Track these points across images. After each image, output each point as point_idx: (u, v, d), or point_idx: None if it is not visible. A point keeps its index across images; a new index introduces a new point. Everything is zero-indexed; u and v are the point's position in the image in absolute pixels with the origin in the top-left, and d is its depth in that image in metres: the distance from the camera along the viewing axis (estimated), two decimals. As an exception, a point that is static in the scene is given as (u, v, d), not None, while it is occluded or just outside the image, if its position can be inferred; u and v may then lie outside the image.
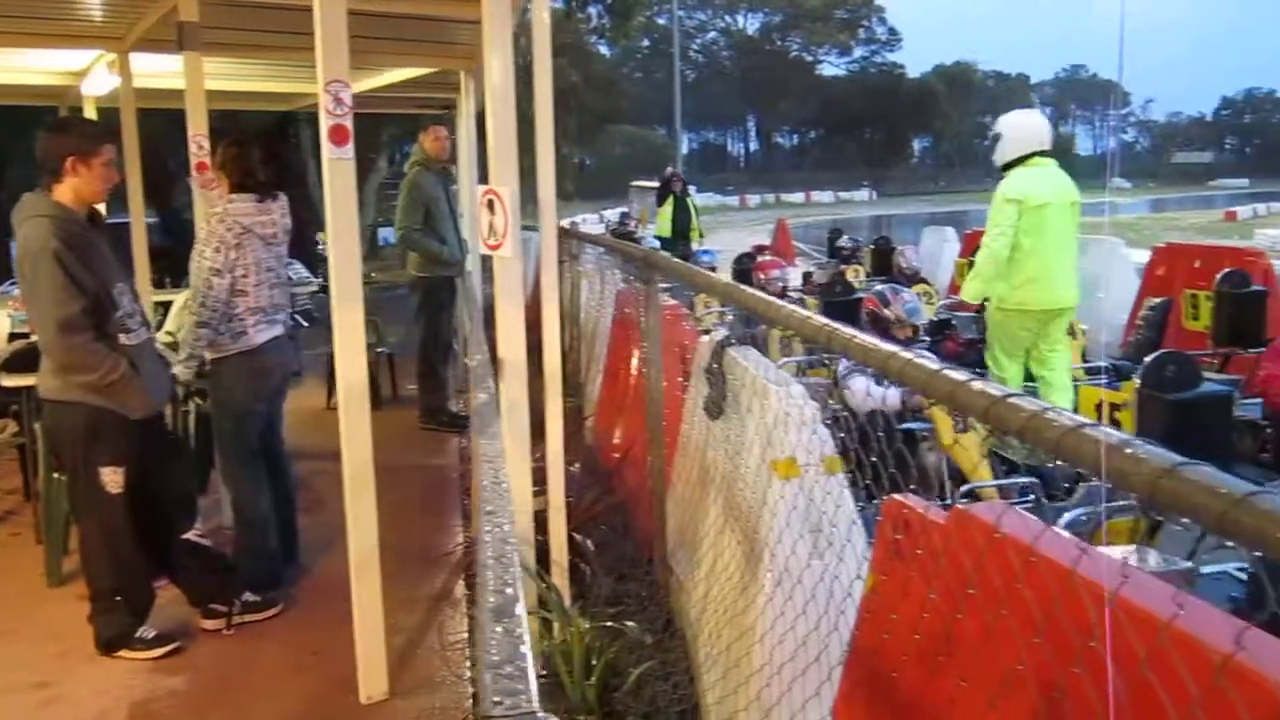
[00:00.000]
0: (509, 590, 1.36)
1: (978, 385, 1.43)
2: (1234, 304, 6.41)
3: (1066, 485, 4.51)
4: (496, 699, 1.06)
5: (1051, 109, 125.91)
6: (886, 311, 5.44)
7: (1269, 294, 6.56)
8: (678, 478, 4.30)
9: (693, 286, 3.90)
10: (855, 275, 11.47)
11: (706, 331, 4.55)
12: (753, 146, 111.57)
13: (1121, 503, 3.49)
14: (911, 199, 68.95)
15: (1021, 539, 1.60)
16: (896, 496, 2.05)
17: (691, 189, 17.48)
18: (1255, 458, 5.03)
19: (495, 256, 3.72)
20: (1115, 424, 3.46)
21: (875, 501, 2.34)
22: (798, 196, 68.15)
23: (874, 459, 2.06)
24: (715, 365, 3.57)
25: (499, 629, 1.23)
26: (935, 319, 9.74)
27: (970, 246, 10.44)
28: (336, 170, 3.43)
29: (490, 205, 3.67)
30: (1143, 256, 10.21)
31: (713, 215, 50.16)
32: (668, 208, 15.62)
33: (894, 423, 4.45)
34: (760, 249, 20.26)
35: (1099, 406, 3.53)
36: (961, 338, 9.10)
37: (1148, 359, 3.37)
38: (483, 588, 1.38)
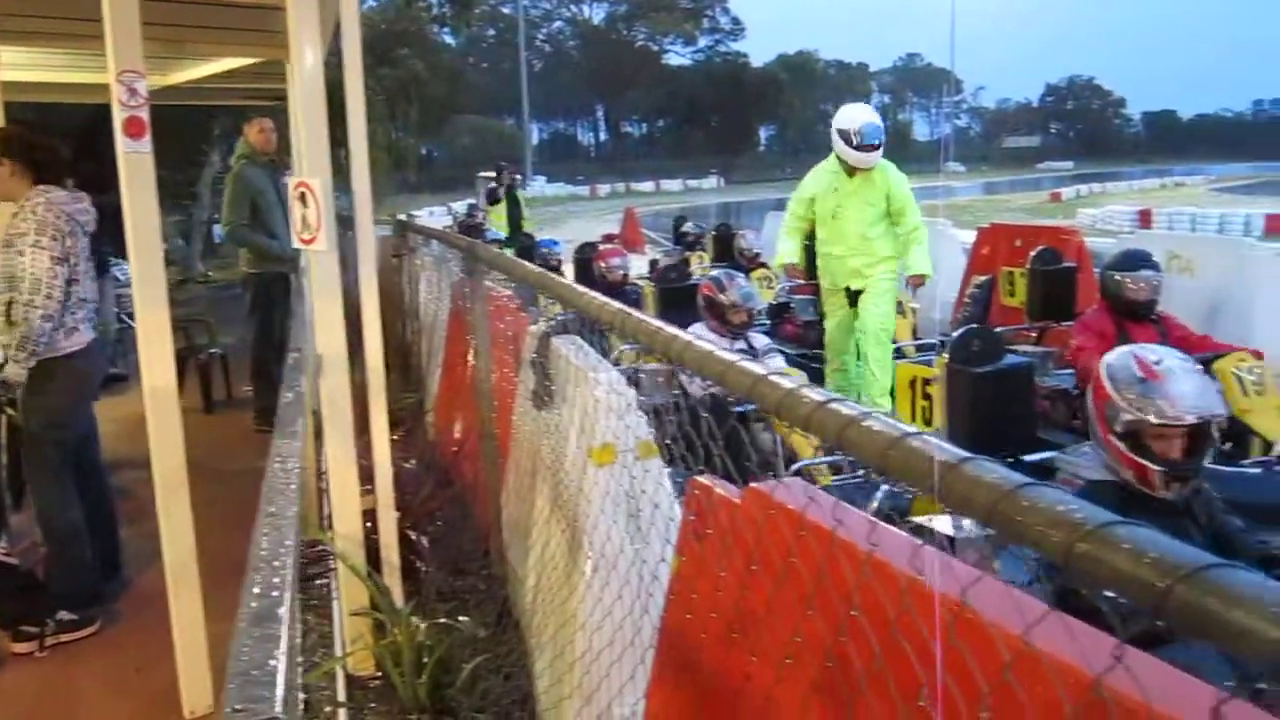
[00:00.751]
0: (274, 594, 1.32)
1: (802, 392, 1.38)
2: (1046, 280, 6.74)
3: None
4: (238, 707, 1.03)
5: (890, 96, 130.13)
6: (721, 297, 5.51)
7: (1078, 270, 6.93)
8: (511, 469, 4.27)
9: (511, 277, 3.88)
10: (700, 261, 11.63)
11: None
12: (602, 136, 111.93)
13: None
14: (760, 186, 70.32)
15: (794, 511, 1.63)
16: (697, 477, 2.07)
17: (519, 179, 17.61)
18: (1068, 424, 5.32)
19: (309, 251, 3.62)
20: (928, 398, 3.60)
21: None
22: (648, 185, 68.64)
23: (704, 442, 2.07)
24: (539, 356, 3.56)
25: (255, 634, 1.20)
26: (774, 302, 9.96)
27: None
28: (133, 165, 3.28)
29: (303, 198, 3.56)
30: (969, 237, 10.65)
31: (563, 205, 50.14)
32: (502, 206, 15.70)
33: (729, 406, 4.52)
34: (609, 238, 20.37)
35: (913, 382, 3.66)
36: (799, 320, 9.33)
37: (954, 335, 3.51)
38: (246, 591, 1.33)
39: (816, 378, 7.37)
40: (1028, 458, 3.46)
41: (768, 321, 9.58)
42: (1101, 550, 0.75)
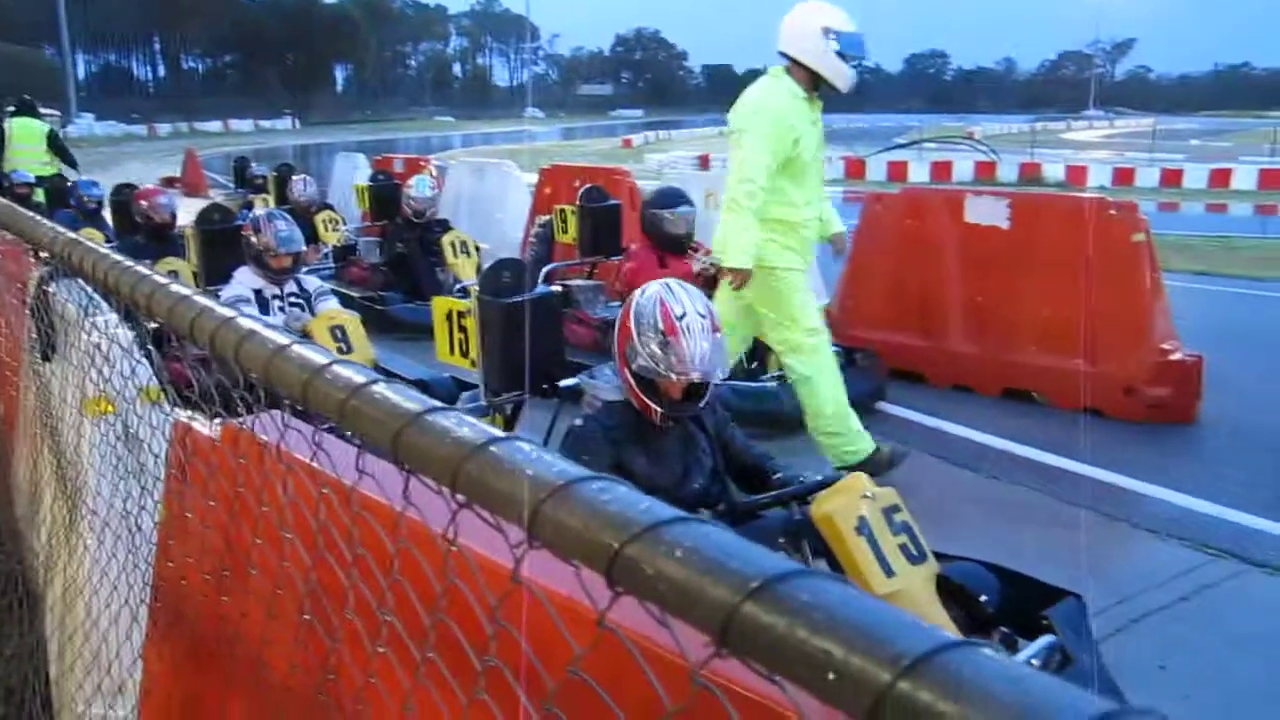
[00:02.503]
0: None
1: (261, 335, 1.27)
2: (594, 217, 7.08)
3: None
4: None
5: (467, 40, 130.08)
6: (256, 239, 5.23)
7: (621, 207, 7.35)
8: (20, 431, 3.83)
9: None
10: (265, 205, 11.05)
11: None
12: (161, 70, 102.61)
13: (507, 396, 3.73)
14: (339, 128, 67.89)
15: (271, 444, 1.58)
16: (183, 416, 1.96)
17: (57, 115, 15.69)
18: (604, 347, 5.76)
19: None
20: (463, 330, 3.65)
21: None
22: (214, 125, 63.95)
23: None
24: (38, 303, 3.19)
25: None
26: (340, 245, 9.70)
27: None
28: None
29: None
30: (535, 178, 10.95)
31: (117, 146, 45.52)
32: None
33: None
34: (170, 181, 18.79)
35: (449, 316, 3.70)
36: (365, 263, 9.16)
37: (486, 268, 3.58)
38: None
39: (381, 320, 7.29)
40: (562, 383, 3.61)
41: (333, 265, 9.32)
42: (559, 513, 0.70)
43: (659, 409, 3.00)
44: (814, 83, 4.61)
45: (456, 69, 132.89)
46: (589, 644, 0.69)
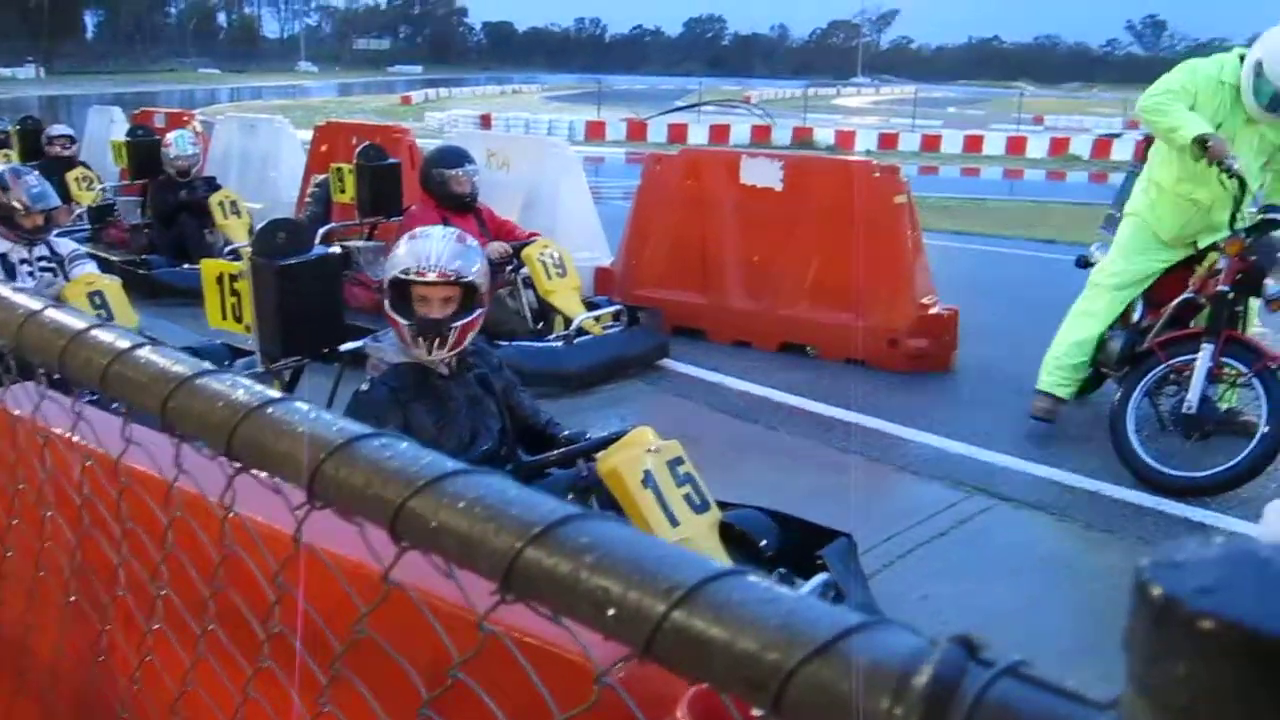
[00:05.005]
0: None
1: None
2: (373, 176, 6.88)
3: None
4: None
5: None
6: (2, 197, 4.82)
7: (401, 166, 7.17)
8: None
9: None
10: (6, 161, 10.15)
11: None
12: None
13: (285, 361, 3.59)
14: (89, 78, 63.01)
15: (23, 417, 1.48)
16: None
17: None
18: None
19: None
20: (236, 294, 3.49)
21: None
22: (-56, 72, 58.14)
23: None
24: None
25: None
26: (97, 205, 9.05)
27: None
28: None
29: None
30: (309, 135, 10.52)
31: None
32: None
33: None
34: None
35: (220, 279, 3.52)
36: (126, 224, 8.60)
37: (259, 228, 3.43)
38: None
39: (145, 286, 6.88)
40: (343, 347, 3.52)
41: (88, 227, 8.70)
42: (340, 471, 0.67)
43: (405, 322, 2.99)
44: None
45: (221, 18, 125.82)
46: (374, 602, 0.69)
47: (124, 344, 0.84)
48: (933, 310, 6.14)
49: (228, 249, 7.27)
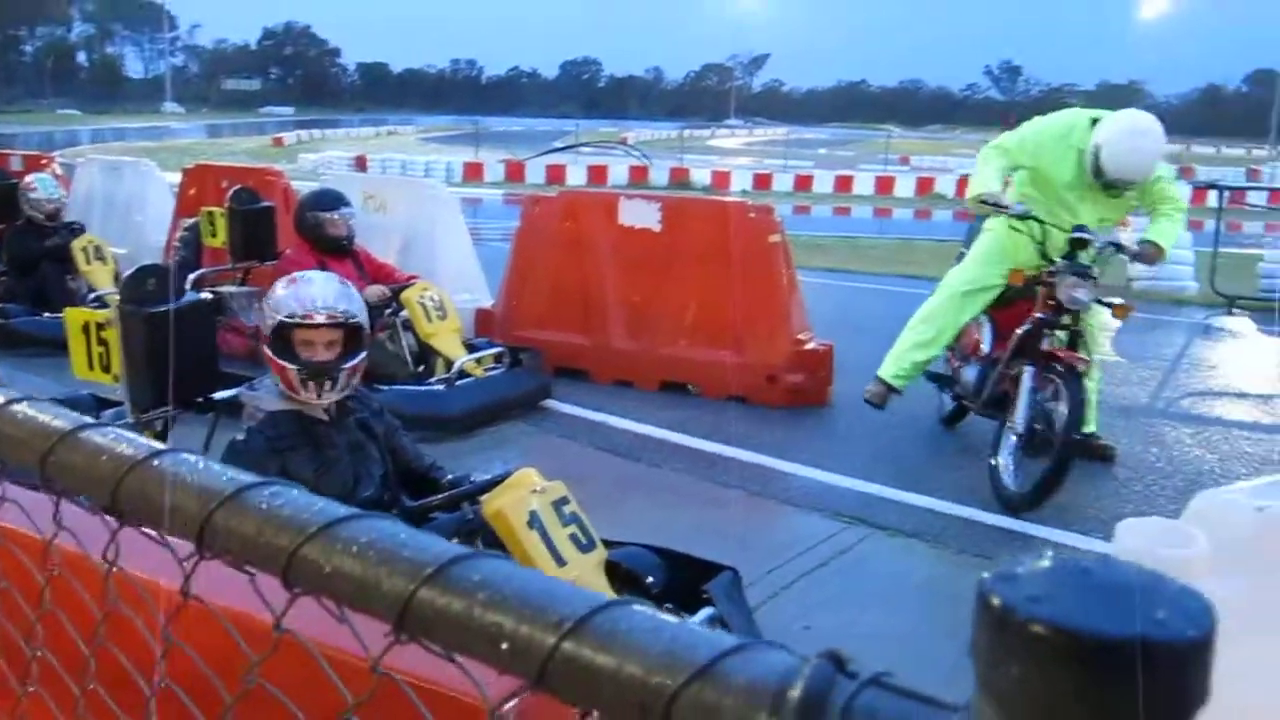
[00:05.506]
0: None
1: None
2: (245, 220, 6.74)
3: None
4: None
5: (94, 26, 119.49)
6: None
7: (275, 209, 7.04)
8: None
9: None
10: None
11: None
12: None
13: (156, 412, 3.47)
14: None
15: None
16: None
17: None
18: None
19: None
20: (104, 343, 3.38)
21: None
22: None
23: None
24: None
25: None
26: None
27: None
28: None
29: None
30: (178, 178, 10.25)
31: None
32: None
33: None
34: None
35: (86, 328, 3.41)
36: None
37: (126, 275, 3.34)
38: None
39: (2, 335, 6.59)
40: (218, 396, 3.44)
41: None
42: (231, 521, 0.68)
43: (292, 366, 2.94)
44: None
45: (81, 57, 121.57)
46: (265, 652, 0.69)
47: (-2, 400, 0.83)
48: (809, 346, 6.31)
49: (92, 296, 7.01)
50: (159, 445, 0.69)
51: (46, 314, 6.92)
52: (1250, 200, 15.29)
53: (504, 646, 0.49)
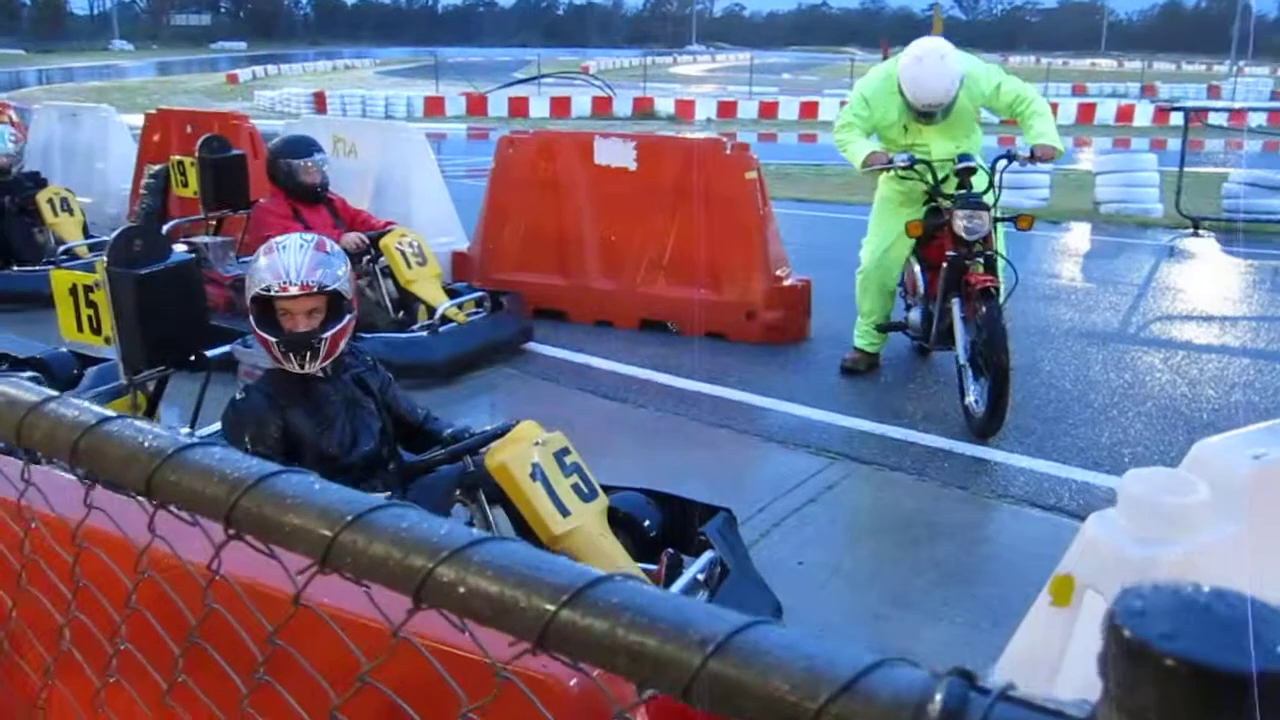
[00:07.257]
0: None
1: None
2: (216, 169, 6.64)
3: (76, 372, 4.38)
4: None
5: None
6: None
7: (245, 158, 6.94)
8: None
9: None
10: None
11: None
12: None
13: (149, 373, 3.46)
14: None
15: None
16: None
17: None
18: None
19: None
20: (92, 306, 3.37)
21: None
22: None
23: None
24: None
25: None
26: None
27: None
28: None
29: None
30: (140, 122, 10.07)
31: None
32: None
33: None
34: None
35: (74, 290, 3.39)
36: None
37: (114, 235, 3.31)
38: None
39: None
40: (210, 353, 3.44)
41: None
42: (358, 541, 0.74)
43: (272, 339, 2.93)
44: None
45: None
46: (381, 655, 0.74)
47: (89, 420, 0.86)
48: (787, 282, 6.36)
49: (61, 249, 6.93)
50: (272, 466, 0.72)
51: (16, 268, 6.83)
52: (1211, 120, 15.38)
53: (648, 664, 0.54)
